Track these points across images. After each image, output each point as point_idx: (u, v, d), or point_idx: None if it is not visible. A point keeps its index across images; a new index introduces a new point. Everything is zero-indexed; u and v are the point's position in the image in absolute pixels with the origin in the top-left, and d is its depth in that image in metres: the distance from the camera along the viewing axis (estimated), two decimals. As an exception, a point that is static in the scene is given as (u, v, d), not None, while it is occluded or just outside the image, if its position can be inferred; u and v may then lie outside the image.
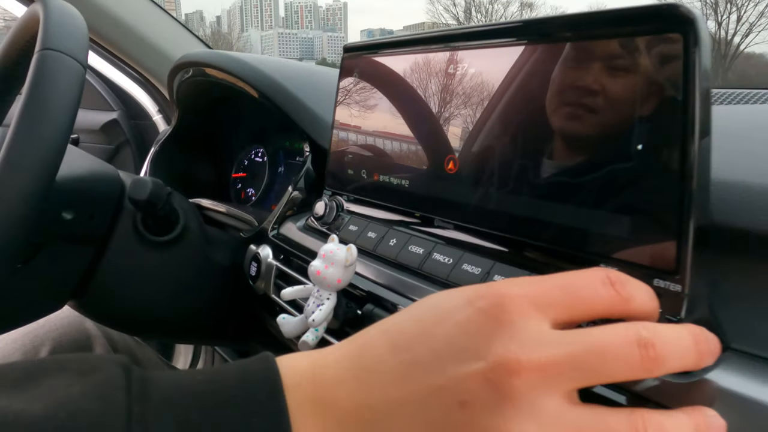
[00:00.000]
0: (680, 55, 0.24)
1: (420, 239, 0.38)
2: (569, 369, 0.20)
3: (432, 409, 0.20)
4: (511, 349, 0.20)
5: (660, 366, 0.20)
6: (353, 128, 0.46)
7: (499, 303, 0.21)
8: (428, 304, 0.23)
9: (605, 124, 0.28)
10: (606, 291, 0.22)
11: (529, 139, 0.32)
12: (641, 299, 0.23)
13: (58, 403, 0.20)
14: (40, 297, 0.50)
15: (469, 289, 0.23)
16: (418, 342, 0.21)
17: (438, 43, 0.39)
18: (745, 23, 19.75)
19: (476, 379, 0.20)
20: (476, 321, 0.21)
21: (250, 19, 66.84)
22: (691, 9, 0.24)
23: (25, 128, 0.37)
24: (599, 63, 0.28)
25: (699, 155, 0.24)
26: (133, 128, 1.06)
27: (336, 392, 0.21)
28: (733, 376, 0.24)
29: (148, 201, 0.48)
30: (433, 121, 0.39)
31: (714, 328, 0.25)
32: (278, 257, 0.51)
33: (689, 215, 0.24)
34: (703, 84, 0.24)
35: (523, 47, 0.32)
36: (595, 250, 0.28)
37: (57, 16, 0.43)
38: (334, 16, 68.52)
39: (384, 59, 0.43)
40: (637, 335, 0.20)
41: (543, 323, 0.21)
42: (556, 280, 0.22)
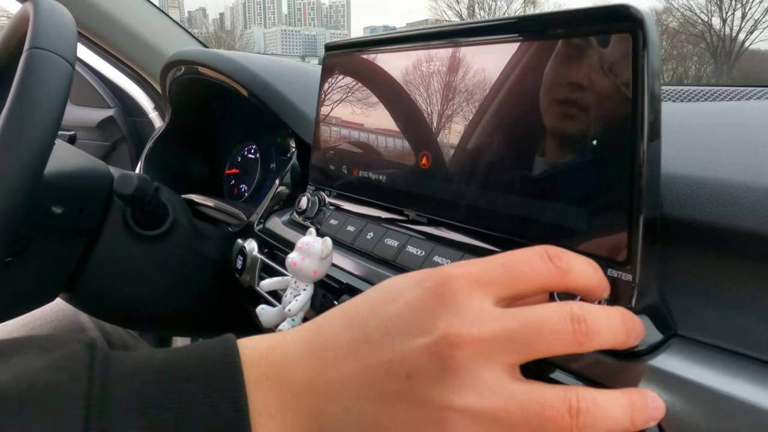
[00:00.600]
0: (629, 55, 0.25)
1: (396, 233, 0.40)
2: (508, 342, 0.21)
3: (381, 381, 0.21)
4: (454, 324, 0.21)
5: (591, 340, 0.22)
6: (335, 125, 0.47)
7: (444, 282, 0.22)
8: (382, 287, 0.24)
9: (569, 120, 0.29)
10: (544, 264, 0.23)
11: (494, 135, 0.33)
12: (581, 270, 0.24)
13: (23, 375, 0.21)
14: (32, 289, 0.52)
15: (420, 272, 0.24)
16: (370, 320, 0.23)
17: (414, 42, 0.40)
18: (750, 20, 19.61)
19: (421, 352, 0.21)
20: (423, 299, 0.22)
21: (253, 16, 66.80)
22: (640, 10, 0.25)
23: (12, 126, 0.38)
24: (560, 62, 0.29)
25: (648, 151, 0.25)
26: (130, 125, 1.08)
27: (293, 368, 0.23)
28: (678, 361, 0.25)
29: (134, 195, 0.49)
30: (410, 118, 0.40)
31: (663, 315, 0.27)
32: (263, 251, 0.52)
33: (639, 209, 0.25)
34: (652, 83, 0.25)
35: (485, 46, 0.33)
36: (556, 242, 0.29)
37: (46, 15, 0.44)
38: (337, 13, 68.40)
39: (364, 58, 0.44)
40: (570, 312, 0.22)
41: (485, 300, 0.22)
42: (498, 259, 0.24)
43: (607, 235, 0.27)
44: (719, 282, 0.26)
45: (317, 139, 0.49)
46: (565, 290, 0.25)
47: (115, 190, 0.49)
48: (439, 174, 0.37)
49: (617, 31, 0.26)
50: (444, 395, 0.20)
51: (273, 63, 0.66)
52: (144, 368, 0.22)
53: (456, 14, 27.60)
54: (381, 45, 0.43)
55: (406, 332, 0.21)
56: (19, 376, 0.21)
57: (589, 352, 0.23)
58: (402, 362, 0.21)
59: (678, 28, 22.15)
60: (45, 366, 0.21)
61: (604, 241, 0.27)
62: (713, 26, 20.14)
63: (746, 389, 0.22)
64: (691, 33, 21.53)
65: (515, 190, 0.31)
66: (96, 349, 0.23)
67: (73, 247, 0.52)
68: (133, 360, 0.23)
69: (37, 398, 0.20)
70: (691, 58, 22.93)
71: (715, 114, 0.39)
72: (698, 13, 20.64)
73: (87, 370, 0.21)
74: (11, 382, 0.20)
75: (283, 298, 0.38)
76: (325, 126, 0.48)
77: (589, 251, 0.27)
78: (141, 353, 0.24)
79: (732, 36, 19.95)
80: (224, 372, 0.22)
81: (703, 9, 20.31)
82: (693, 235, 0.27)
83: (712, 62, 20.88)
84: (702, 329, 0.26)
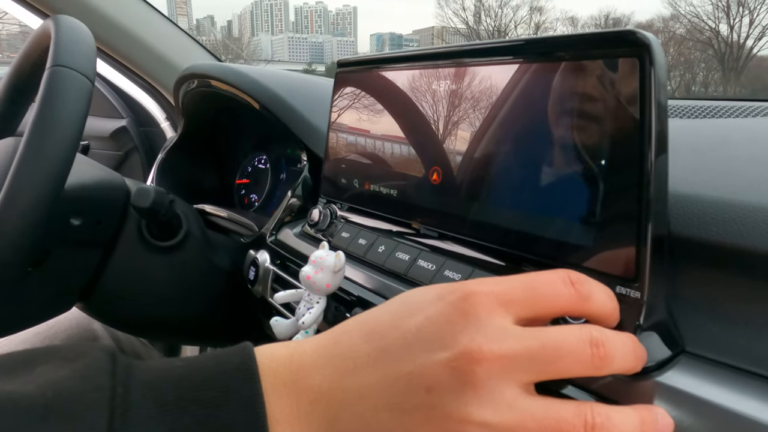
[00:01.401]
0: (637, 78, 0.26)
1: (407, 246, 0.40)
2: (527, 361, 0.22)
3: (400, 392, 0.22)
4: (476, 340, 0.21)
5: (608, 365, 0.22)
6: (346, 139, 0.48)
7: (466, 298, 0.23)
8: (402, 298, 0.25)
9: (577, 140, 0.30)
10: (566, 289, 0.24)
11: (503, 153, 0.34)
12: (599, 298, 0.25)
13: (48, 384, 0.21)
14: (50, 299, 0.53)
15: (440, 286, 0.24)
16: (391, 332, 0.23)
17: (426, 61, 0.40)
18: (758, 26, 19.54)
19: (442, 366, 0.21)
20: (445, 314, 0.23)
21: (260, 23, 67.37)
22: (646, 35, 0.26)
23: (36, 141, 0.39)
24: (568, 82, 0.30)
25: (655, 171, 0.26)
26: (142, 135, 1.10)
27: (311, 376, 0.23)
28: (686, 378, 0.25)
29: (151, 208, 0.50)
30: (420, 134, 0.41)
31: (671, 332, 0.27)
32: (275, 262, 0.53)
33: (647, 227, 0.26)
34: (659, 103, 0.26)
35: (495, 66, 0.34)
36: (564, 259, 0.30)
37: (67, 33, 0.46)
38: (343, 20, 68.83)
39: (375, 74, 0.45)
40: (589, 335, 0.22)
41: (506, 319, 0.23)
42: (520, 279, 0.24)
43: (615, 252, 0.27)
44: (726, 300, 0.27)
45: (329, 153, 0.50)
46: (582, 316, 0.25)
47: (133, 203, 0.51)
48: (449, 189, 0.38)
49: (625, 55, 0.27)
50: (463, 409, 0.21)
51: (283, 76, 0.68)
52: (164, 376, 0.23)
53: (462, 21, 27.70)
54: (392, 63, 0.44)
55: (427, 345, 0.22)
56: (45, 385, 0.22)
57: (603, 375, 0.23)
58: (422, 375, 0.21)
59: (685, 34, 22.10)
60: (68, 375, 0.22)
61: (613, 259, 0.27)
62: (721, 33, 20.07)
63: (753, 406, 0.23)
64: (698, 40, 21.47)
65: (524, 206, 0.32)
66: (117, 358, 0.24)
67: (89, 258, 0.53)
68: (153, 368, 0.24)
69: (63, 407, 0.21)
70: (698, 65, 22.85)
71: (723, 131, 0.39)
72: (705, 19, 20.59)
73: (109, 379, 0.22)
74: (37, 391, 0.21)
75: (297, 311, 0.39)
76: (337, 140, 0.49)
77: (598, 268, 0.28)
78: (160, 361, 0.25)
79: (740, 42, 19.88)
80: (242, 379, 0.23)
81: (710, 16, 20.26)
82: (700, 253, 0.27)
83: (719, 69, 20.79)
84: (709, 346, 0.26)
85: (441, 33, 38.99)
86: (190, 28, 58.30)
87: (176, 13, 66.66)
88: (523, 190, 0.32)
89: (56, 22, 0.47)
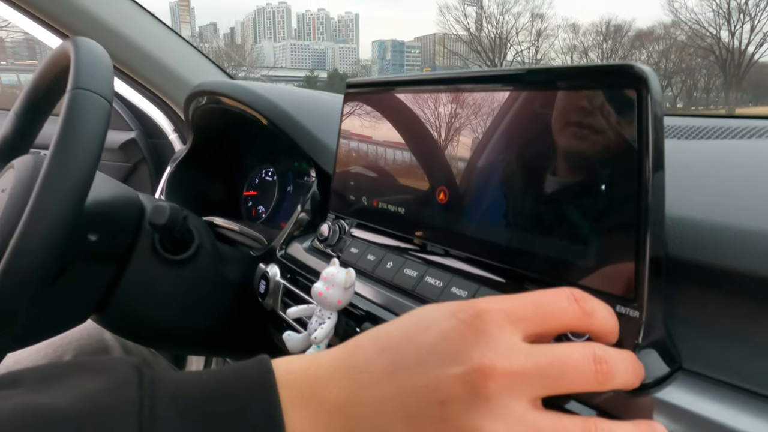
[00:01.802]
0: (635, 109, 0.28)
1: (414, 263, 0.42)
2: (535, 377, 0.23)
3: (414, 405, 0.23)
4: (488, 356, 0.23)
5: (610, 380, 0.24)
6: (355, 157, 0.50)
7: (478, 315, 0.24)
8: (416, 314, 0.26)
9: (577, 166, 0.31)
10: (571, 306, 0.25)
11: (507, 175, 0.35)
12: (601, 315, 0.26)
13: (79, 397, 0.23)
14: (66, 312, 0.55)
15: (452, 303, 0.26)
16: (405, 347, 0.24)
17: (432, 85, 0.42)
18: (759, 33, 19.58)
19: (455, 380, 0.23)
20: (457, 330, 0.24)
21: (263, 30, 67.80)
22: (644, 68, 0.28)
23: (59, 161, 0.41)
24: (568, 111, 0.31)
25: (652, 196, 0.27)
26: (150, 147, 1.12)
27: (327, 389, 0.24)
28: (684, 394, 0.27)
29: (167, 225, 0.52)
30: (427, 154, 0.42)
31: (669, 350, 0.28)
32: (285, 276, 0.54)
33: (645, 248, 0.27)
34: (656, 133, 0.27)
35: (501, 93, 0.36)
36: (566, 278, 0.31)
37: (86, 56, 0.47)
38: (345, 27, 69.23)
39: (383, 96, 0.47)
40: (593, 353, 0.24)
41: (516, 335, 0.24)
42: (528, 297, 0.26)
43: (615, 273, 0.29)
44: (722, 319, 0.28)
45: (337, 170, 0.52)
46: (586, 332, 0.27)
47: (150, 220, 0.52)
48: (455, 208, 0.39)
49: (624, 87, 0.28)
50: (476, 422, 0.22)
51: (291, 93, 0.69)
52: (187, 389, 0.24)
53: (464, 28, 27.82)
54: (399, 86, 0.45)
55: (441, 360, 0.23)
56: (77, 398, 0.23)
57: (606, 390, 0.25)
58: (436, 389, 0.23)
59: (686, 41, 22.15)
60: (98, 388, 0.24)
61: (613, 279, 0.29)
62: (722, 39, 20.12)
63: (747, 423, 0.24)
64: (699, 46, 21.51)
65: (528, 227, 0.34)
66: (143, 371, 0.25)
67: (104, 271, 0.55)
68: (177, 380, 0.25)
69: (95, 419, 0.22)
70: (700, 71, 22.88)
71: (719, 153, 0.41)
72: (706, 26, 20.65)
73: (137, 391, 0.23)
74: (69, 404, 0.23)
75: (309, 326, 0.40)
76: (345, 157, 0.51)
77: (599, 288, 0.29)
78: (183, 374, 0.26)
79: (741, 49, 19.91)
80: (260, 392, 0.24)
81: (711, 22, 20.33)
82: (696, 274, 0.29)
83: (721, 75, 20.82)
84: (706, 364, 0.28)
85: (443, 40, 39.17)
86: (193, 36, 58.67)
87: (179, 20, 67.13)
88: (527, 211, 0.34)
89: (76, 45, 0.49)
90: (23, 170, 0.51)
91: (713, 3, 20.06)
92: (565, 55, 26.83)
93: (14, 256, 0.38)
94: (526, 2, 27.91)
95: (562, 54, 27.04)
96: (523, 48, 26.86)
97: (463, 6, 29.62)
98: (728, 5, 19.82)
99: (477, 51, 27.16)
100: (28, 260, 0.38)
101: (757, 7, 19.64)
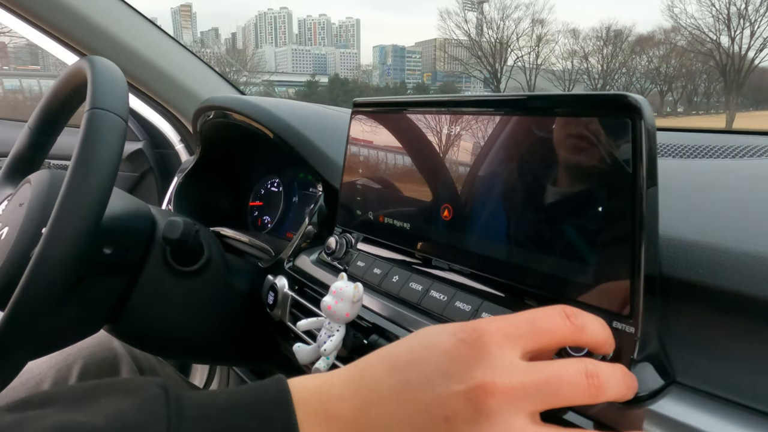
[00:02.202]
0: (629, 135, 0.29)
1: (419, 277, 0.43)
2: (534, 393, 0.25)
3: (421, 421, 0.25)
4: (489, 374, 0.24)
5: (602, 393, 0.25)
6: (362, 173, 0.52)
7: (479, 336, 0.26)
8: (420, 335, 0.28)
9: (574, 188, 0.33)
10: (563, 322, 0.27)
11: (509, 195, 0.37)
12: (593, 328, 0.28)
13: (114, 416, 0.24)
14: (80, 322, 0.56)
15: (455, 324, 0.28)
16: (411, 366, 0.26)
17: (437, 107, 0.44)
18: (759, 38, 19.64)
19: (459, 397, 0.24)
20: (459, 350, 0.26)
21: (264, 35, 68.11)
22: (637, 99, 0.29)
23: (79, 178, 0.43)
24: (569, 136, 0.33)
25: (646, 216, 0.29)
26: (157, 157, 1.13)
27: (340, 406, 0.26)
28: (677, 407, 0.28)
29: (180, 239, 0.54)
30: (432, 172, 0.44)
31: (663, 364, 0.30)
32: (293, 288, 0.56)
33: (640, 267, 0.29)
34: (649, 159, 0.29)
35: (503, 117, 0.38)
36: (566, 294, 0.33)
37: (103, 76, 0.49)
38: (346, 32, 69.51)
39: (389, 116, 0.49)
40: (585, 368, 0.26)
41: (514, 353, 0.26)
42: (524, 315, 0.27)
43: (612, 290, 0.30)
44: (713, 335, 0.30)
45: (344, 185, 0.54)
46: (579, 345, 0.28)
47: (164, 235, 0.54)
48: (459, 226, 0.41)
49: (618, 116, 0.30)
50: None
51: (297, 108, 0.71)
52: (209, 407, 0.26)
53: (464, 33, 27.91)
54: (405, 107, 0.47)
55: (445, 379, 0.25)
56: (111, 416, 0.25)
57: (599, 403, 0.26)
58: (441, 405, 0.24)
59: (686, 46, 22.21)
60: (130, 407, 0.25)
61: (609, 296, 0.30)
62: (722, 44, 20.18)
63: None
64: (699, 51, 21.57)
65: (528, 245, 0.35)
66: (169, 391, 0.27)
67: (117, 283, 0.57)
68: (200, 398, 0.27)
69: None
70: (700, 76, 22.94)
71: (712, 173, 0.42)
72: (706, 31, 20.71)
73: (165, 410, 0.25)
74: (106, 422, 0.24)
75: (318, 338, 0.42)
76: (352, 173, 0.53)
77: (597, 304, 0.31)
78: (204, 393, 0.28)
79: (741, 54, 19.96)
80: (279, 410, 0.26)
81: (711, 28, 20.39)
82: (689, 293, 0.30)
83: (721, 80, 20.87)
84: (698, 378, 0.29)
85: (443, 45, 39.29)
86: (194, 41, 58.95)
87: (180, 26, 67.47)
88: (527, 229, 0.35)
89: (92, 65, 0.50)
90: (40, 185, 0.53)
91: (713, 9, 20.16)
92: (566, 60, 26.93)
93: (37, 270, 0.40)
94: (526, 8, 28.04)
95: (562, 59, 27.15)
96: (523, 53, 26.96)
97: (463, 11, 29.76)
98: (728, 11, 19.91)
99: (478, 56, 27.26)
100: (51, 273, 0.40)
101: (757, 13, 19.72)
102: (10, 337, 0.40)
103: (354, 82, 37.89)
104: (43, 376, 0.68)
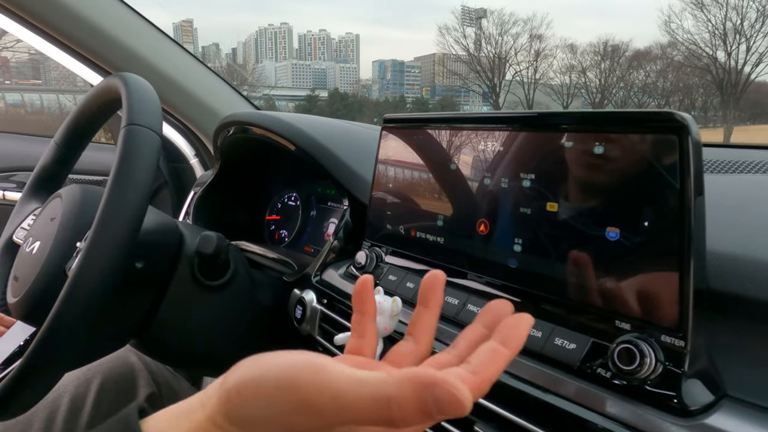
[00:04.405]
0: (676, 152, 0.30)
1: (455, 291, 0.44)
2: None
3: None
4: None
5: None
6: (392, 188, 0.52)
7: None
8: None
9: (617, 204, 0.33)
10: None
11: (552, 209, 0.37)
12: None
13: None
14: (109, 337, 0.56)
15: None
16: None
17: (472, 123, 0.45)
18: (755, 53, 19.88)
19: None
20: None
21: (264, 50, 68.77)
22: (684, 116, 0.30)
23: (118, 192, 0.43)
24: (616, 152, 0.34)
25: (695, 233, 0.29)
26: (171, 170, 1.14)
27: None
28: (730, 420, 0.28)
29: (213, 254, 0.54)
30: (465, 187, 0.44)
31: (713, 378, 0.30)
32: (321, 302, 0.56)
33: (689, 282, 0.29)
34: (697, 175, 0.29)
35: (543, 134, 0.38)
36: (611, 308, 0.33)
37: (137, 93, 0.50)
38: (346, 47, 70.23)
39: (420, 131, 0.50)
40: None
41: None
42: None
43: (660, 305, 0.31)
44: (761, 348, 0.30)
45: (374, 199, 0.54)
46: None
47: (198, 249, 0.54)
48: (496, 240, 0.41)
49: (665, 132, 0.31)
50: None
51: (320, 123, 0.72)
52: None
53: (463, 48, 28.20)
54: (435, 122, 0.48)
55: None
56: None
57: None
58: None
59: (683, 61, 22.45)
60: None
61: (659, 311, 0.31)
62: (718, 59, 20.39)
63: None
64: (696, 66, 21.80)
65: (569, 259, 0.36)
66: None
67: (146, 297, 0.57)
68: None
69: None
70: (697, 90, 23.15)
71: (748, 188, 0.43)
72: (702, 46, 20.95)
73: None
74: None
75: (356, 352, 0.42)
76: (382, 188, 0.53)
77: (645, 319, 0.31)
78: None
79: (737, 69, 20.17)
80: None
81: (707, 43, 20.63)
82: (735, 306, 0.31)
83: (718, 94, 21.06)
84: (748, 391, 0.29)
85: (442, 60, 39.67)
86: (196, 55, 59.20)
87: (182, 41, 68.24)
88: (570, 245, 0.36)
89: (126, 83, 0.51)
90: (71, 199, 0.54)
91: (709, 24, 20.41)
92: (564, 75, 27.18)
93: (78, 282, 0.40)
94: (524, 23, 28.35)
95: (560, 73, 27.39)
96: (522, 68, 27.23)
97: (462, 27, 30.10)
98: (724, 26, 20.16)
99: (476, 71, 27.51)
100: (91, 286, 0.40)
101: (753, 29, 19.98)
102: (51, 348, 0.40)
103: (354, 97, 38.13)
104: (62, 391, 0.68)
